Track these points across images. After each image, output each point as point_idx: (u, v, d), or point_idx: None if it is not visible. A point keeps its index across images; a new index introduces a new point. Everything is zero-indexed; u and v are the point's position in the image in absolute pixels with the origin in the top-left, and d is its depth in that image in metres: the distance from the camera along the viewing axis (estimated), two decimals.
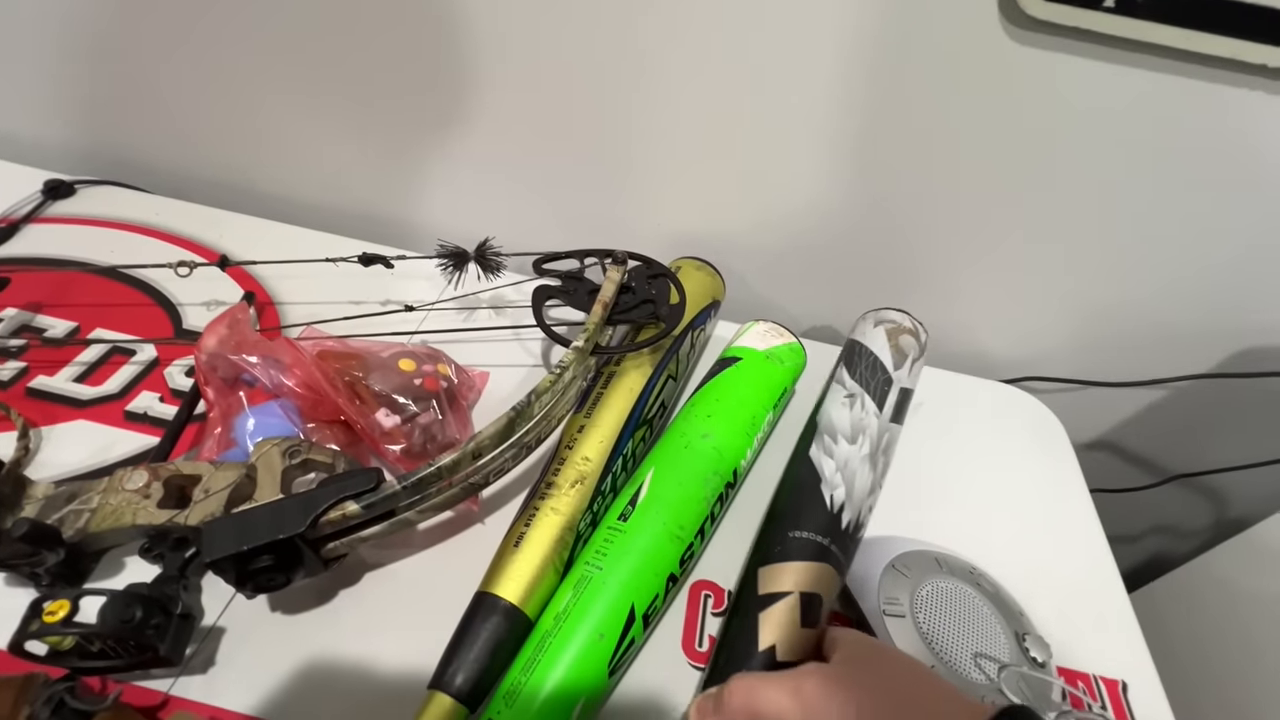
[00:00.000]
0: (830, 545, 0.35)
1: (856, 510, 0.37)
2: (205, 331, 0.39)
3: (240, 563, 0.29)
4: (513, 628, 0.31)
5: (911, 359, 0.44)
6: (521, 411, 0.34)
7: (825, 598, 0.33)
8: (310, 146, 0.56)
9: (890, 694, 0.25)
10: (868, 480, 0.38)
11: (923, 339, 0.46)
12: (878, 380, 0.42)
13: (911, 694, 0.26)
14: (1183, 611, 0.55)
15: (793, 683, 0.26)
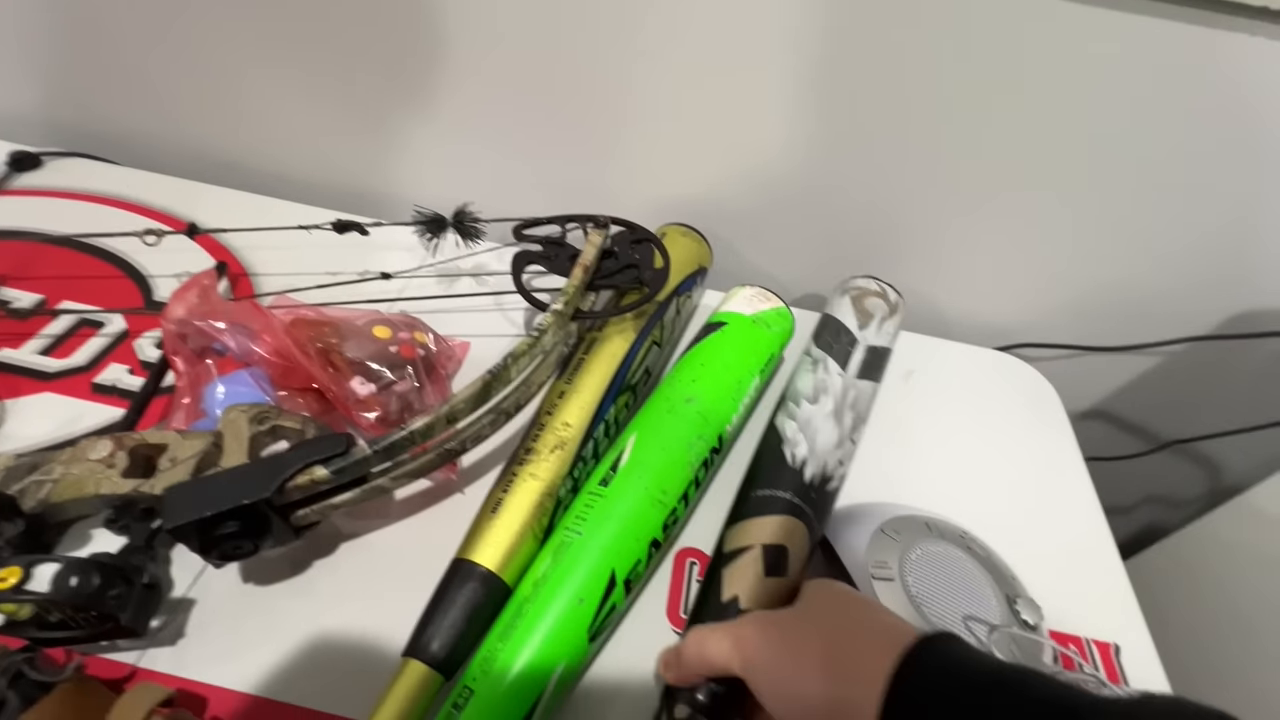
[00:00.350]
0: (793, 498, 0.35)
1: (821, 463, 0.37)
2: (172, 299, 0.38)
3: (204, 530, 0.28)
4: (490, 594, 0.30)
5: (880, 318, 0.44)
6: (498, 375, 0.33)
7: (791, 548, 0.33)
8: (285, 115, 0.54)
9: (822, 633, 0.26)
10: (832, 434, 0.38)
11: (892, 299, 0.46)
12: (841, 343, 0.43)
13: (842, 630, 0.26)
14: (1176, 578, 0.55)
15: (735, 630, 0.27)
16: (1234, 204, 0.46)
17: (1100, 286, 0.52)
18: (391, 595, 0.32)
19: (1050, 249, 0.51)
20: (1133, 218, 0.48)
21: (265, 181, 0.55)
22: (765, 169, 0.50)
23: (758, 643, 0.26)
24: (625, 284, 0.42)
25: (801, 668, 0.25)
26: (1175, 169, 0.45)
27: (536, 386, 0.37)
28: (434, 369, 0.41)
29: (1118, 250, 0.50)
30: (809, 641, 0.25)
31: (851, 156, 0.49)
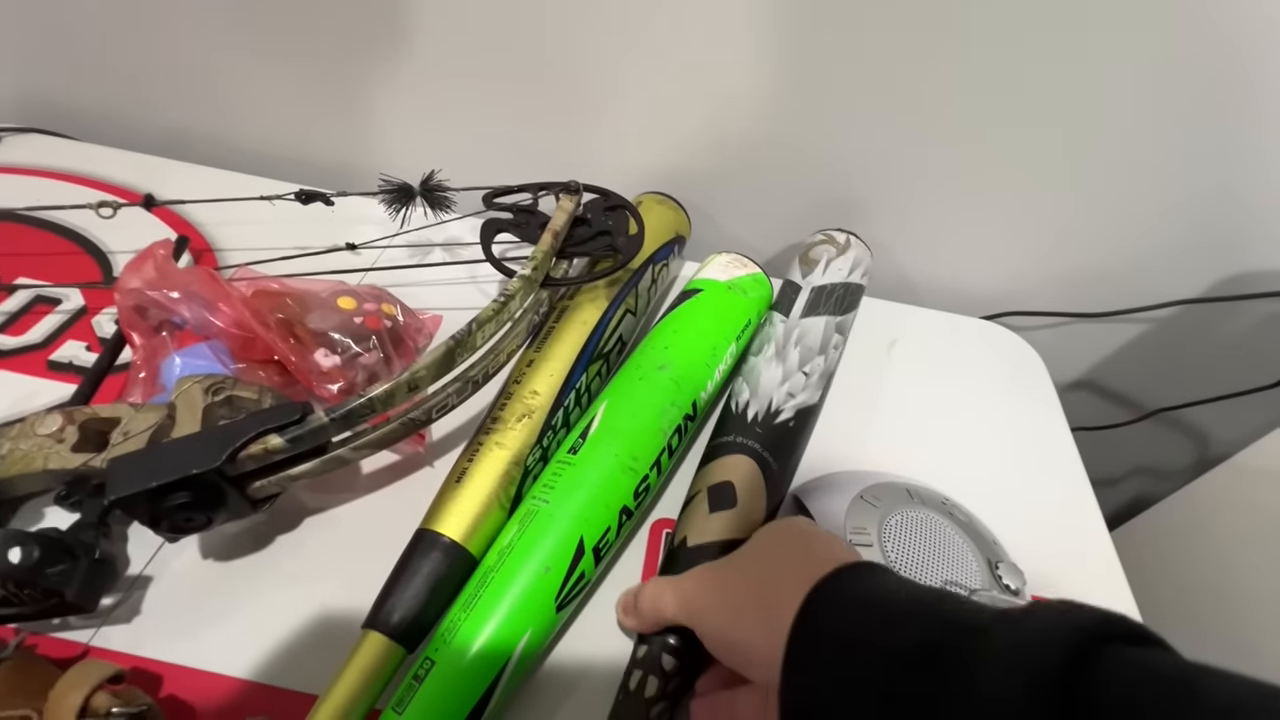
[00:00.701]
0: (736, 438, 0.35)
1: (765, 400, 0.37)
2: (125, 270, 0.36)
3: (152, 501, 0.27)
4: (454, 565, 0.29)
5: (825, 260, 0.45)
6: (461, 341, 0.32)
7: (736, 480, 0.33)
8: (247, 87, 0.52)
9: (757, 576, 0.25)
10: (775, 373, 0.38)
11: (841, 240, 0.46)
12: (785, 297, 0.43)
13: (776, 570, 0.25)
14: (1162, 546, 0.54)
15: (680, 582, 0.28)
16: (1220, 164, 0.45)
17: (1087, 252, 0.51)
18: (357, 569, 0.31)
19: (1036, 214, 0.50)
20: (1118, 181, 0.47)
21: (229, 156, 0.53)
22: (743, 135, 0.49)
23: (698, 592, 0.27)
24: (598, 251, 0.41)
25: (738, 614, 0.24)
26: (1160, 129, 0.44)
27: (505, 355, 0.36)
28: (402, 341, 0.40)
29: (1104, 215, 0.49)
30: (745, 586, 0.25)
31: (832, 124, 0.48)
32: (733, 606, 0.25)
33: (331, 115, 0.53)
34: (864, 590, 0.22)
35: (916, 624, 0.20)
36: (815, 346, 0.40)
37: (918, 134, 0.47)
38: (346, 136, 0.53)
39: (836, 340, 0.41)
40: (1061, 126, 0.45)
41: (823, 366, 0.40)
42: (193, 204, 0.43)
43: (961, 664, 0.18)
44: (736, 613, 0.25)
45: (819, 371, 0.39)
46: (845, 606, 0.22)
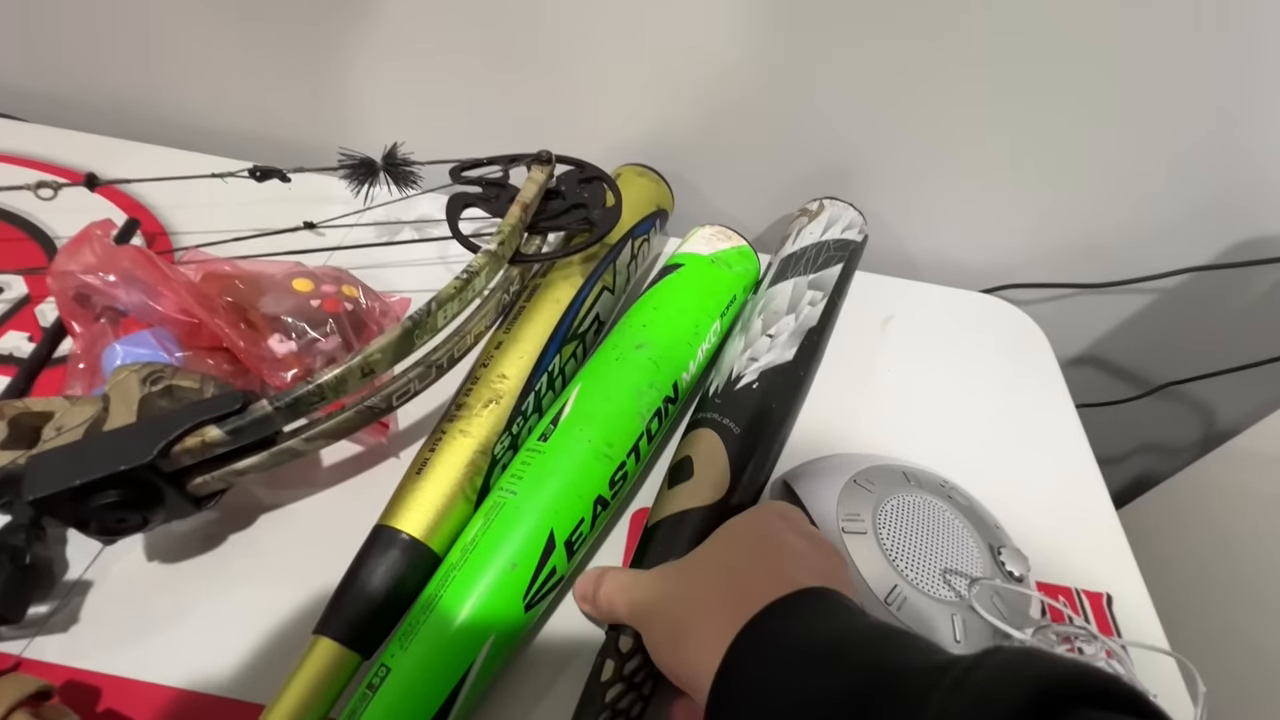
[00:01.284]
0: (696, 413, 0.35)
1: (727, 371, 0.36)
2: (60, 254, 0.34)
3: (77, 501, 0.25)
4: (414, 564, 0.27)
5: (795, 231, 0.43)
6: (420, 321, 0.30)
7: (695, 454, 0.32)
8: (199, 62, 0.49)
9: (702, 586, 0.24)
10: (738, 345, 0.37)
11: (813, 208, 0.44)
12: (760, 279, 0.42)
13: (721, 584, 0.23)
14: (1169, 526, 0.52)
15: (632, 588, 0.26)
16: (1225, 125, 0.43)
17: (1089, 220, 0.48)
18: (314, 570, 0.29)
19: (1036, 182, 0.47)
20: (1121, 146, 0.44)
21: (184, 135, 0.50)
22: (730, 103, 0.46)
23: (646, 601, 0.25)
24: (572, 225, 0.38)
25: (678, 634, 0.23)
26: (1164, 92, 0.41)
27: (473, 337, 0.34)
28: (364, 326, 0.38)
29: (1107, 182, 0.46)
30: (689, 602, 0.23)
31: (825, 91, 0.45)
32: (674, 625, 0.23)
33: (288, 88, 0.50)
34: (792, 633, 0.20)
35: (844, 676, 0.18)
36: (782, 309, 0.38)
37: (913, 100, 0.44)
38: (304, 110, 0.51)
39: (812, 296, 0.39)
40: (1062, 92, 0.42)
41: (793, 325, 0.37)
42: (139, 183, 0.41)
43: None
44: (677, 633, 0.23)
45: (788, 330, 0.37)
46: (768, 653, 0.20)
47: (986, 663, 0.16)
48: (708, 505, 0.30)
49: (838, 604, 0.21)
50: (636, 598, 0.25)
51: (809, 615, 0.21)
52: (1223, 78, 0.41)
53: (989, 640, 0.29)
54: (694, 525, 0.30)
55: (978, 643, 0.29)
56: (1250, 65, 0.40)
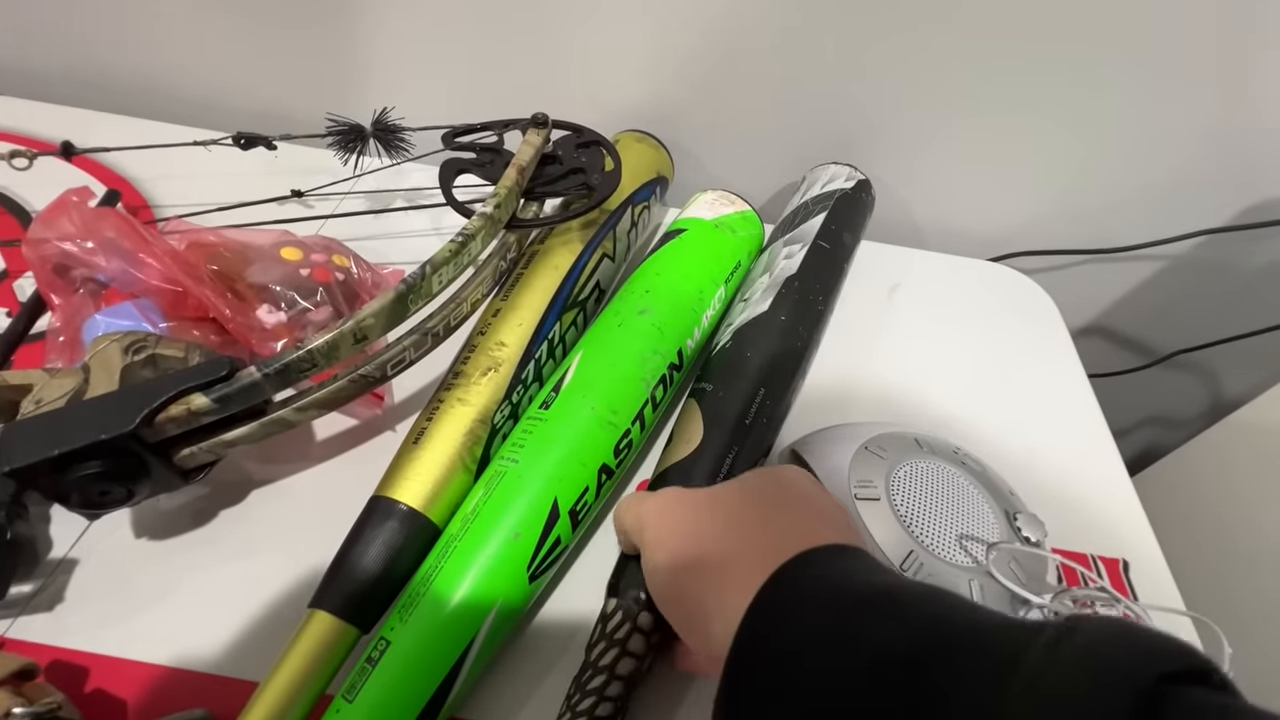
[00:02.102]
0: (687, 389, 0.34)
1: (702, 339, 0.35)
2: (35, 222, 0.32)
3: (57, 471, 0.23)
4: (412, 535, 0.26)
5: (789, 205, 0.42)
6: (414, 286, 0.29)
7: (676, 426, 0.32)
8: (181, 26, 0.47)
9: (721, 524, 0.22)
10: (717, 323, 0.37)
11: (803, 182, 0.44)
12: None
13: (744, 525, 0.22)
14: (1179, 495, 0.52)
15: (643, 502, 0.25)
16: (1235, 86, 0.41)
17: (1097, 185, 0.47)
18: (308, 544, 0.28)
19: (1043, 146, 0.46)
20: (1130, 107, 0.43)
21: (165, 106, 0.48)
22: (732, 67, 0.45)
23: (657, 521, 0.24)
24: (570, 190, 0.37)
25: (691, 568, 0.21)
26: (1174, 52, 0.40)
27: (469, 305, 0.32)
28: (357, 297, 0.36)
29: (1114, 145, 0.45)
30: (705, 537, 0.22)
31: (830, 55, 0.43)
32: (687, 557, 0.21)
33: (273, 55, 0.48)
34: (836, 578, 0.18)
35: (902, 627, 0.16)
36: (754, 275, 0.38)
37: (919, 65, 0.43)
38: (290, 78, 0.49)
39: (789, 250, 0.37)
40: (1069, 54, 0.41)
41: (767, 281, 0.36)
42: (118, 152, 0.39)
43: (968, 690, 0.14)
44: (689, 566, 0.21)
45: (762, 287, 0.36)
46: (810, 593, 0.18)
47: (1085, 628, 0.14)
48: (681, 460, 0.30)
49: (876, 563, 0.20)
50: (646, 516, 0.24)
51: (853, 565, 0.19)
52: (1231, 39, 0.39)
53: (1007, 606, 0.28)
54: (671, 482, 0.29)
55: (996, 607, 0.28)
56: (1260, 27, 0.39)
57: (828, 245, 0.38)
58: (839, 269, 0.39)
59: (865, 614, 0.17)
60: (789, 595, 0.18)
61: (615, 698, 0.24)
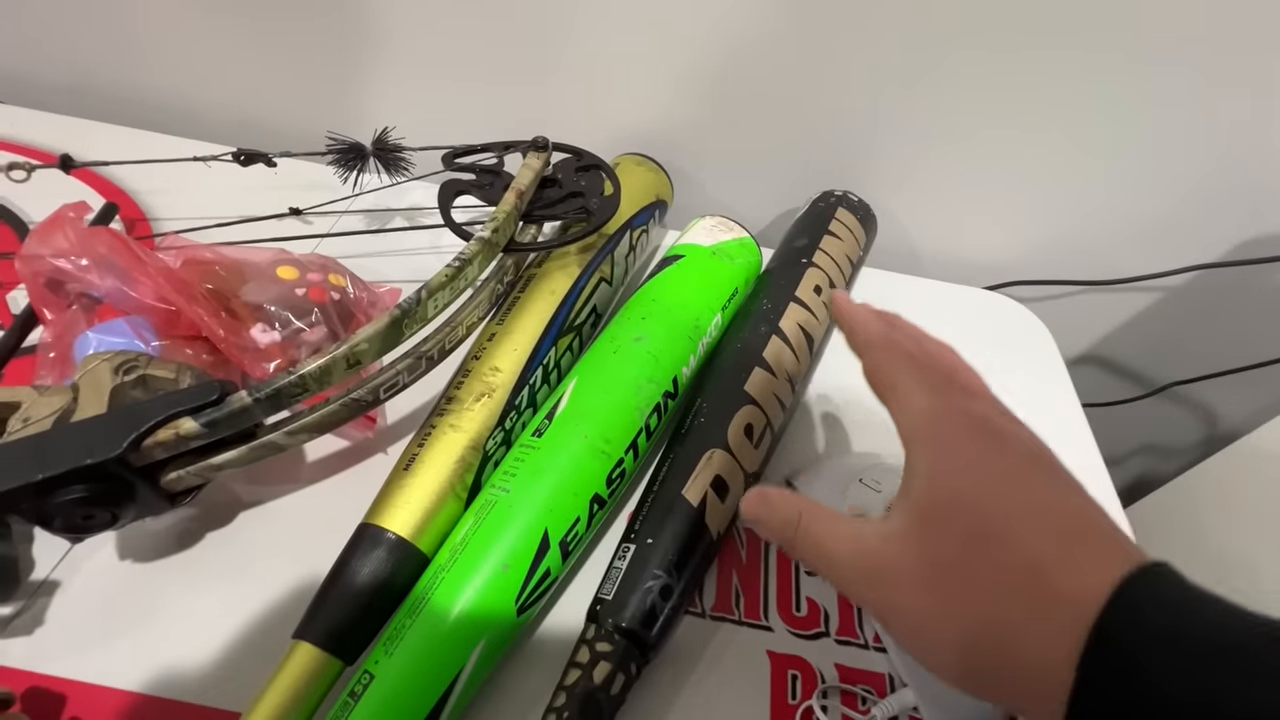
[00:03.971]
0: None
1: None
2: (30, 237, 0.32)
3: (40, 496, 0.23)
4: (400, 565, 0.26)
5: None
6: (409, 310, 0.28)
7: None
8: (184, 43, 0.47)
9: (979, 561, 0.16)
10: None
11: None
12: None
13: (1028, 523, 0.16)
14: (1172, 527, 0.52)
15: (859, 540, 0.19)
16: (1234, 121, 0.42)
17: (1095, 217, 0.47)
18: (296, 571, 0.28)
19: (1041, 177, 0.46)
20: (1126, 141, 0.44)
21: (165, 119, 0.48)
22: (732, 93, 0.45)
23: (882, 550, 0.18)
24: (569, 214, 0.37)
25: (984, 600, 0.16)
26: (1168, 88, 0.40)
27: (465, 329, 0.32)
28: (352, 316, 0.36)
29: (1112, 177, 0.45)
30: (982, 556, 0.16)
31: (829, 83, 0.44)
32: (969, 593, 0.16)
33: (275, 70, 0.48)
34: (1193, 617, 0.14)
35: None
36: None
37: (920, 95, 0.43)
38: (291, 95, 0.49)
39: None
40: (1068, 89, 0.41)
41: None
42: (117, 165, 0.39)
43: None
44: (978, 598, 0.16)
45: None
46: (1176, 641, 0.14)
47: None
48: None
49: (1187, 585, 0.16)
50: (869, 549, 0.18)
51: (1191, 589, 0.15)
52: (1230, 75, 0.40)
53: None
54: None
55: None
56: (1259, 63, 0.39)
57: (777, 260, 0.40)
58: (794, 271, 0.38)
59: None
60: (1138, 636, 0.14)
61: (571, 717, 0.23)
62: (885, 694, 0.28)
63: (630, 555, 0.27)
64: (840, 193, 0.44)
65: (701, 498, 0.29)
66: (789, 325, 0.35)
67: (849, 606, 0.31)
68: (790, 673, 0.29)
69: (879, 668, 0.29)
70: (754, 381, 0.32)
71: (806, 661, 0.29)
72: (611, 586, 0.27)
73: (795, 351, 0.35)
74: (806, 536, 0.20)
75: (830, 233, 0.40)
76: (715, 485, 0.29)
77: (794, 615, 0.30)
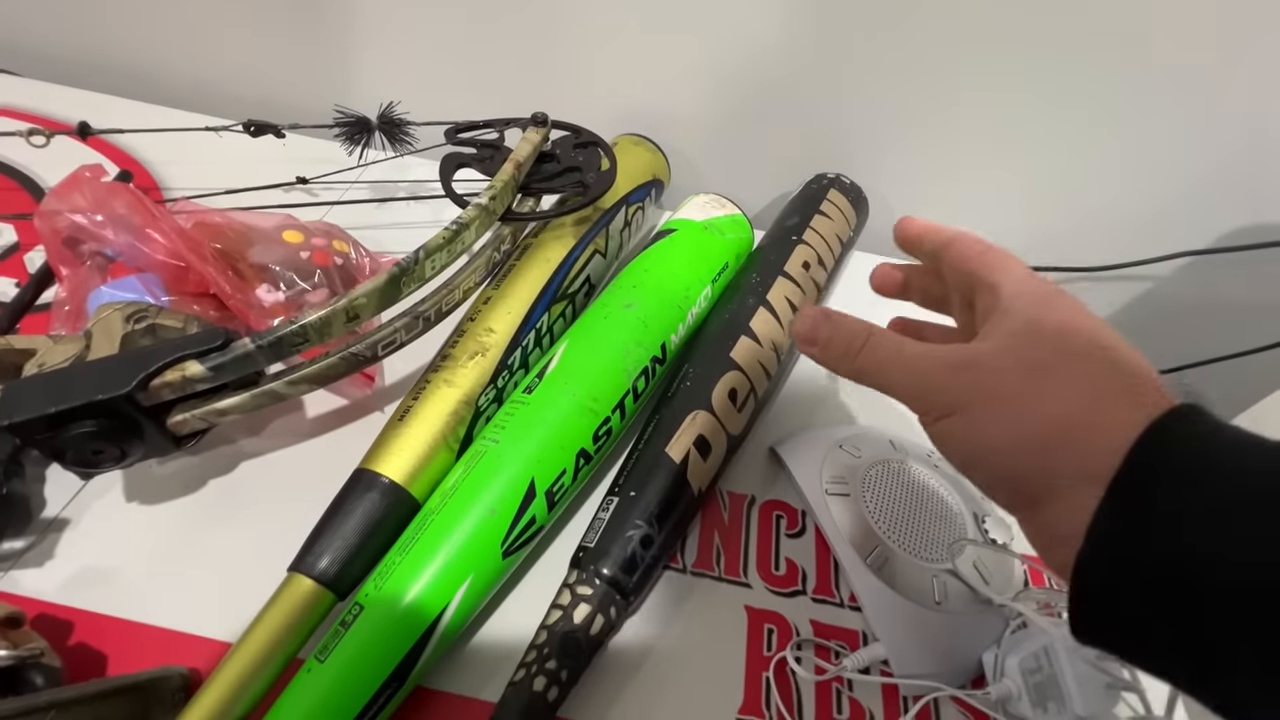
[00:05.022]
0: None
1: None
2: (49, 195, 0.33)
3: (53, 429, 0.24)
4: (393, 508, 0.27)
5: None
6: (407, 269, 0.30)
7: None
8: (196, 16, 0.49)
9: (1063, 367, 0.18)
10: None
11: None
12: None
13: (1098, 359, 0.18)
14: None
15: (922, 359, 0.20)
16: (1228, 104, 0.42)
17: (1086, 202, 0.48)
18: (293, 516, 0.29)
19: (1034, 165, 0.47)
20: (1117, 125, 0.44)
21: (178, 94, 0.50)
22: (731, 75, 0.46)
23: (945, 368, 0.20)
24: (566, 188, 0.38)
25: (1021, 414, 0.18)
26: (1161, 69, 0.41)
27: (462, 292, 0.33)
28: (354, 281, 0.37)
29: (1103, 162, 0.46)
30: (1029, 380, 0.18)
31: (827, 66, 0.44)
32: (1013, 414, 0.18)
33: (284, 49, 0.49)
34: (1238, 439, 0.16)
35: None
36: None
37: (916, 83, 0.44)
38: (299, 71, 0.50)
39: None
40: (1063, 74, 0.42)
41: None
42: (133, 134, 0.40)
43: None
44: (1020, 423, 0.18)
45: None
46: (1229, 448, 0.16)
47: None
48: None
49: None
50: (956, 351, 0.20)
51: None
52: (1227, 54, 0.40)
53: (969, 602, 0.29)
54: None
55: (957, 605, 0.29)
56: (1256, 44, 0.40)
57: (769, 237, 0.41)
58: (784, 247, 0.39)
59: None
60: (1198, 451, 0.16)
61: (550, 653, 0.25)
62: (857, 649, 0.29)
63: (614, 507, 0.28)
64: (833, 175, 0.45)
65: (684, 455, 0.30)
66: (776, 298, 0.36)
67: (826, 567, 0.32)
68: (766, 626, 0.30)
69: (853, 625, 0.30)
70: (740, 349, 0.34)
71: (783, 617, 0.30)
72: (594, 535, 0.28)
73: (781, 322, 0.36)
74: (877, 349, 0.21)
75: (821, 212, 0.41)
76: (698, 444, 0.30)
77: (773, 574, 0.31)
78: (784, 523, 0.33)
